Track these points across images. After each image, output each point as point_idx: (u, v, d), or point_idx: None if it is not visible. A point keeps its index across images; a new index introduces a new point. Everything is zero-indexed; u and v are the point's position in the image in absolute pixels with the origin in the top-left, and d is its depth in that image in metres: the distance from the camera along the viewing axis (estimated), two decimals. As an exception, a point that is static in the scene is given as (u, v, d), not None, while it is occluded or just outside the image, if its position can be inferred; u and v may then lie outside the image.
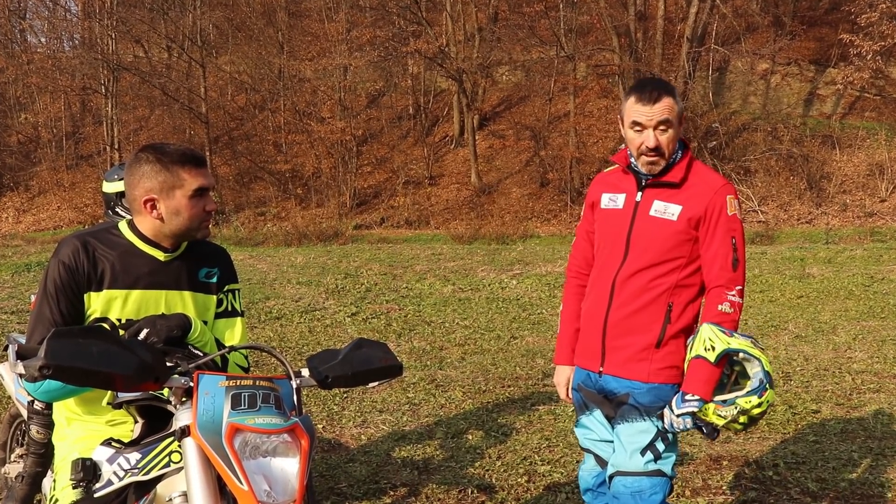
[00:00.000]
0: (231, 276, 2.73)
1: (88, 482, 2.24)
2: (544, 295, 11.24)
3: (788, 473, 4.49)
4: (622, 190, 2.99)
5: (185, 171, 2.45)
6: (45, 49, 37.72)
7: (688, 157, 2.94)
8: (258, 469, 2.04)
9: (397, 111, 32.50)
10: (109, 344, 1.97)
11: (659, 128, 2.82)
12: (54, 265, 2.42)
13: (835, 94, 27.02)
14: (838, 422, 5.46)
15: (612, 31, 26.56)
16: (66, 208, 31.22)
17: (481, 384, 6.67)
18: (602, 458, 3.07)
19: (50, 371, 1.86)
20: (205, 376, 2.11)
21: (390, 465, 4.78)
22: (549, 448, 5.03)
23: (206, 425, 2.01)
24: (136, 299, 2.49)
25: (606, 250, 3.01)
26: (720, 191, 2.86)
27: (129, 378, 1.96)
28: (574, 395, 3.18)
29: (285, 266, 14.73)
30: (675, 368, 2.88)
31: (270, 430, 2.06)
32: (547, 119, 28.43)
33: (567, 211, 25.27)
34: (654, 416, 2.87)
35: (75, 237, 2.49)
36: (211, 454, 2.00)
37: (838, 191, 23.45)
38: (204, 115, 30.73)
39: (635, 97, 2.85)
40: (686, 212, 2.85)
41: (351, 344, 2.42)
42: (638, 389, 2.89)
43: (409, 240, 22.98)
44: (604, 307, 2.97)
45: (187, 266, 2.59)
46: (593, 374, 3.02)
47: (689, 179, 2.89)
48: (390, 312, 10.08)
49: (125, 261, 2.48)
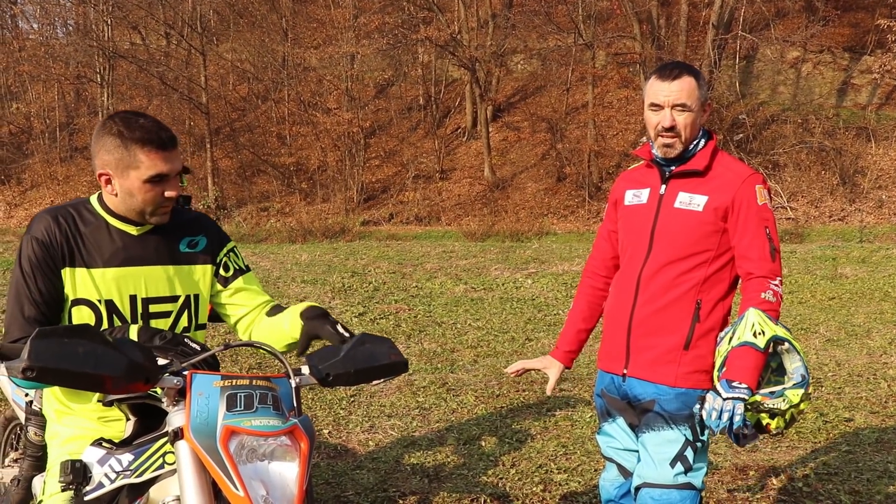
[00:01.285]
0: (222, 238, 2.71)
1: (78, 485, 2.24)
2: (561, 295, 11.23)
3: (820, 485, 4.47)
4: (646, 185, 3.00)
5: (144, 153, 2.40)
6: (38, 35, 37.82)
7: (712, 145, 2.94)
8: (255, 473, 2.02)
9: (407, 102, 32.50)
10: (97, 344, 1.95)
11: (676, 108, 2.84)
12: (27, 242, 2.42)
13: (870, 84, 26.87)
14: (873, 431, 5.44)
15: (634, 17, 26.49)
16: (60, 202, 31.34)
17: (495, 388, 6.67)
18: (625, 468, 3.07)
19: (34, 373, 1.85)
20: (198, 376, 2.09)
21: (399, 473, 4.79)
22: (565, 456, 5.03)
23: (199, 428, 2.00)
24: (115, 277, 2.48)
25: (630, 247, 3.00)
26: (748, 180, 2.85)
27: (117, 379, 1.95)
28: (597, 401, 3.18)
29: (289, 264, 14.76)
30: (704, 373, 2.85)
31: (268, 432, 2.04)
32: (564, 110, 28.38)
33: (585, 207, 25.23)
34: (682, 425, 2.85)
35: (47, 212, 2.49)
36: (205, 458, 1.98)
37: (873, 186, 23.32)
38: (204, 105, 30.81)
39: (656, 76, 2.90)
40: (712, 202, 2.84)
41: (354, 340, 2.40)
42: (664, 395, 2.87)
43: (419, 237, 23.00)
44: (628, 305, 2.95)
45: (165, 239, 2.57)
46: (617, 379, 3.01)
47: (713, 169, 2.89)
48: (399, 313, 10.09)
49: (98, 237, 2.48)
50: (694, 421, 2.86)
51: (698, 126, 2.90)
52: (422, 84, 32.44)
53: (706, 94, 2.91)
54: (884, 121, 25.46)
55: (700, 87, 2.86)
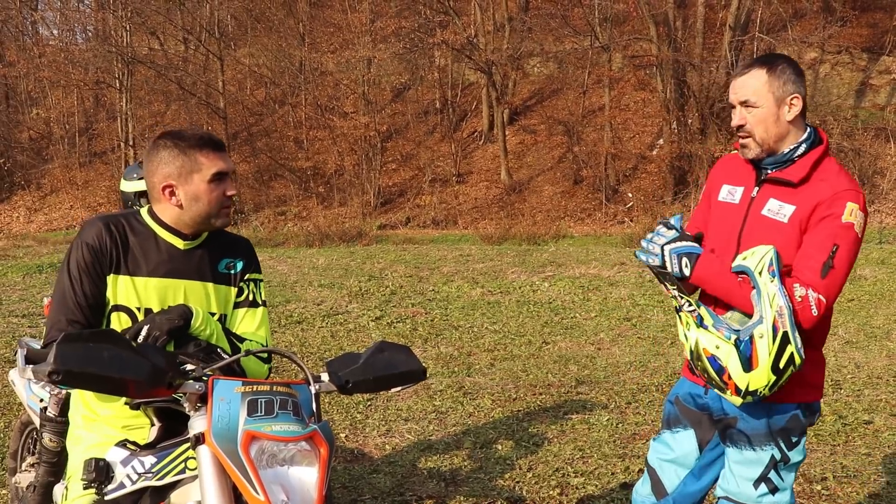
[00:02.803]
0: (254, 267, 2.78)
1: (101, 483, 2.26)
2: (578, 298, 11.20)
3: (839, 488, 4.44)
4: (741, 182, 2.79)
5: (203, 155, 2.54)
6: (58, 41, 38.15)
7: (817, 153, 2.66)
8: (275, 478, 2.05)
9: (423, 105, 32.53)
10: (121, 349, 2.00)
11: (743, 105, 2.66)
12: (78, 247, 2.50)
13: (889, 84, 26.67)
14: (893, 433, 5.40)
15: (650, 19, 26.38)
16: (79, 207, 31.58)
17: (511, 392, 6.66)
18: (662, 485, 2.89)
19: (60, 377, 1.89)
20: (220, 381, 2.12)
21: (416, 477, 4.79)
22: (582, 459, 5.02)
23: (221, 433, 2.03)
24: (157, 287, 2.55)
25: (716, 245, 2.79)
26: (841, 194, 2.55)
27: (140, 383, 1.99)
28: (667, 406, 2.98)
29: (307, 268, 14.80)
30: (791, 385, 2.59)
31: (288, 437, 2.07)
32: (581, 113, 28.34)
33: (602, 210, 25.17)
34: (768, 444, 2.66)
35: (99, 219, 2.58)
36: (226, 462, 2.01)
37: (893, 187, 23.14)
38: (222, 110, 30.98)
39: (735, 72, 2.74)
40: (798, 213, 2.60)
41: (372, 347, 2.43)
42: (749, 411, 2.67)
43: (435, 240, 22.99)
44: None
45: (208, 256, 2.65)
46: (699, 389, 2.83)
47: (811, 179, 2.62)
48: (416, 316, 10.10)
49: (146, 247, 2.56)
50: (782, 437, 2.67)
51: (778, 124, 2.65)
52: (438, 88, 32.47)
53: (788, 88, 2.64)
54: (903, 121, 25.27)
55: (774, 81, 2.62)
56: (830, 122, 25.28)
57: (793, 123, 2.68)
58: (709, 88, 24.89)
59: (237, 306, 2.72)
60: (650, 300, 10.68)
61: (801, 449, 2.71)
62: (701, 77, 25.13)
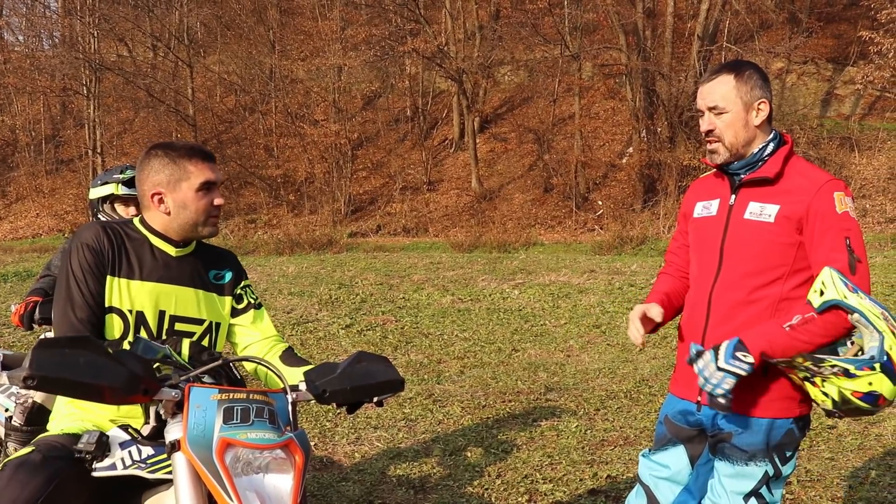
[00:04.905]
0: (242, 275, 2.87)
1: (94, 458, 2.26)
2: (547, 306, 11.26)
3: (803, 492, 4.50)
4: (716, 195, 2.80)
5: (192, 164, 2.60)
6: (23, 48, 37.83)
7: (784, 150, 2.70)
8: (250, 486, 2.05)
9: (394, 113, 32.57)
10: (97, 355, 1.99)
11: (712, 110, 2.69)
12: (77, 248, 2.54)
13: (854, 94, 27.09)
14: (855, 437, 5.48)
15: (619, 28, 26.62)
16: (46, 215, 31.26)
17: (481, 399, 6.69)
18: (658, 501, 2.87)
19: (35, 382, 1.89)
20: (196, 389, 2.12)
21: (385, 484, 4.80)
22: (551, 466, 5.05)
23: (196, 440, 2.03)
24: (150, 291, 2.60)
25: (700, 263, 2.81)
26: (825, 187, 2.58)
27: (116, 390, 1.99)
28: (658, 428, 2.95)
29: (276, 276, 14.75)
30: (787, 399, 2.60)
31: (263, 445, 2.07)
32: (551, 121, 28.49)
33: (572, 217, 25.31)
34: (762, 460, 2.64)
35: (95, 223, 2.65)
36: (201, 470, 2.01)
37: (857, 195, 23.46)
38: (191, 117, 30.81)
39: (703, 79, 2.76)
40: (784, 211, 2.60)
41: (350, 357, 2.44)
42: (742, 427, 2.65)
43: (406, 248, 23.01)
44: (700, 325, 2.75)
45: (198, 265, 2.73)
46: (690, 406, 2.79)
47: (786, 175, 2.66)
48: (386, 324, 10.11)
49: (141, 252, 2.62)
50: (777, 453, 2.65)
51: (746, 129, 2.68)
52: (409, 96, 32.52)
53: (755, 93, 2.68)
54: (867, 131, 25.66)
55: (742, 86, 2.66)
56: (797, 132, 25.62)
57: (759, 128, 2.71)
58: (677, 97, 25.13)
59: (242, 312, 2.81)
60: (619, 307, 10.75)
61: (792, 463, 2.70)
62: (670, 86, 25.36)
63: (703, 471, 2.85)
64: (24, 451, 2.34)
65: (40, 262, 18.61)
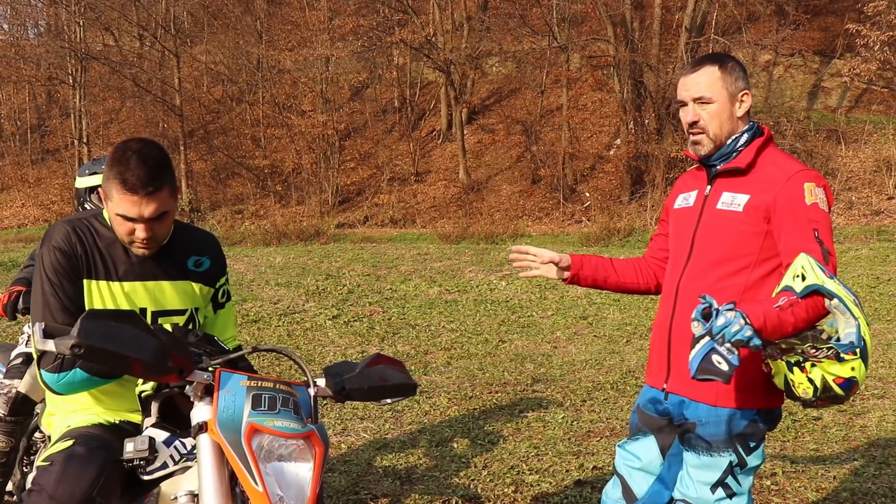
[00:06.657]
0: (223, 266, 2.81)
1: (148, 462, 2.28)
2: (534, 297, 11.26)
3: (787, 483, 4.52)
4: (694, 187, 2.84)
5: (116, 190, 2.42)
6: (8, 36, 37.50)
7: (759, 141, 2.71)
8: (273, 472, 2.13)
9: (382, 104, 32.47)
10: (140, 330, 2.07)
11: (697, 101, 2.69)
12: (49, 252, 2.47)
13: (840, 87, 27.17)
14: (840, 429, 5.50)
15: (608, 20, 26.58)
16: (31, 205, 31.07)
17: (467, 390, 6.68)
18: (632, 490, 2.89)
19: (81, 350, 1.95)
20: (227, 374, 2.21)
21: (371, 475, 4.79)
22: (537, 457, 5.05)
23: (225, 422, 2.10)
24: (129, 291, 2.56)
25: (674, 253, 2.85)
26: (795, 177, 2.59)
27: (153, 367, 2.06)
28: (632, 416, 3.01)
29: (263, 267, 14.70)
30: (750, 392, 2.63)
31: (288, 433, 2.15)
32: (539, 113, 28.46)
33: (560, 209, 25.31)
34: (725, 450, 2.65)
35: (64, 223, 2.56)
36: (228, 451, 2.08)
37: (843, 188, 23.56)
38: (178, 107, 30.62)
39: (682, 71, 2.76)
40: (753, 200, 2.62)
41: (368, 358, 2.53)
42: (705, 417, 2.67)
43: (393, 239, 22.98)
44: (668, 314, 2.80)
45: (174, 256, 2.66)
46: (659, 395, 2.84)
47: (758, 165, 2.67)
48: (373, 315, 10.09)
49: (113, 252, 2.56)
50: (739, 443, 2.66)
51: (731, 120, 2.69)
52: (397, 87, 32.42)
53: (739, 85, 2.70)
54: (853, 123, 25.74)
55: (727, 77, 2.68)
56: (784, 124, 25.68)
57: (741, 120, 2.73)
58: (665, 89, 25.12)
59: (217, 308, 2.81)
60: (606, 299, 10.77)
61: (759, 454, 2.70)
62: (657, 78, 25.35)
63: (675, 461, 2.86)
64: (63, 444, 2.35)
65: (25, 251, 18.50)
